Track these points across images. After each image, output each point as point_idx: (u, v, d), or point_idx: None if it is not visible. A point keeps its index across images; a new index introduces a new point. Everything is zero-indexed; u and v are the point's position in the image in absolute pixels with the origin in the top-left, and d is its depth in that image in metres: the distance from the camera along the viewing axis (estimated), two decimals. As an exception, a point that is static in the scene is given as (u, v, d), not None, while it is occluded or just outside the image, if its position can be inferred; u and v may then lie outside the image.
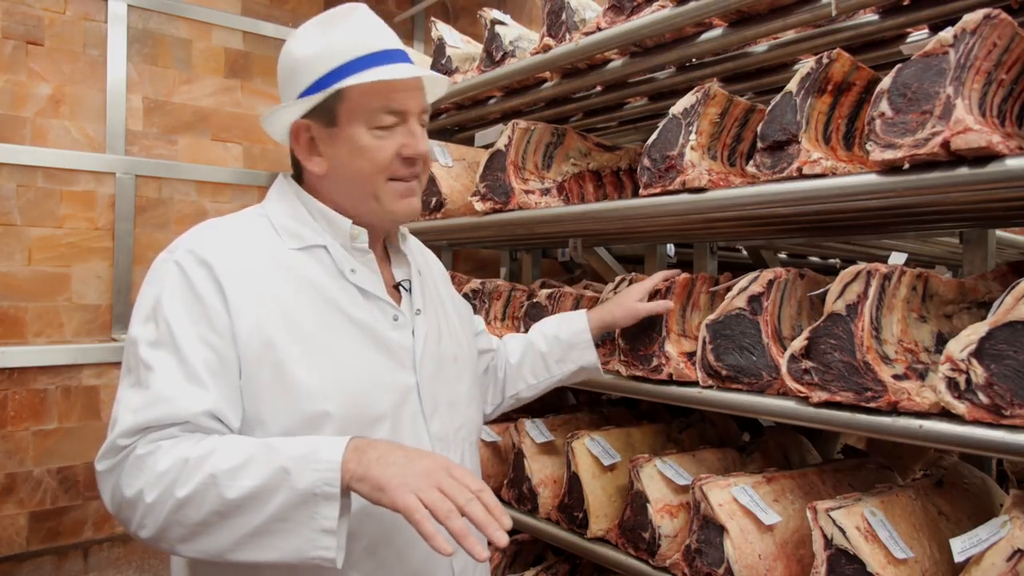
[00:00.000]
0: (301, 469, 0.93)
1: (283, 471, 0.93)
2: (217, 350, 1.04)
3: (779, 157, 1.43)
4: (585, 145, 2.17)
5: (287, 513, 0.93)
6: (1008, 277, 1.45)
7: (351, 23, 1.18)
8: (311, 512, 0.93)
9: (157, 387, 1.00)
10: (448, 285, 1.48)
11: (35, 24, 2.55)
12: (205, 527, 0.95)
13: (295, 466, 0.93)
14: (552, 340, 1.57)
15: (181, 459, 0.96)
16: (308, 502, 0.93)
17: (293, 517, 0.93)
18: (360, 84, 1.12)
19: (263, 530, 0.94)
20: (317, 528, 0.93)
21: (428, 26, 3.02)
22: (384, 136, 1.16)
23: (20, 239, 2.51)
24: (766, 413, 1.43)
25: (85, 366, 2.61)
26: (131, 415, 1.00)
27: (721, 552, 1.42)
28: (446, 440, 1.23)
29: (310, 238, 1.18)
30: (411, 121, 1.17)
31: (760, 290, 1.48)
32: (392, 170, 1.17)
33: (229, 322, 1.05)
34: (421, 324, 1.24)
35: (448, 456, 1.18)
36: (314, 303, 1.13)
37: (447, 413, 1.25)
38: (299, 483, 0.93)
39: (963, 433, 1.11)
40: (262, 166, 3.04)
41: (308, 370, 1.08)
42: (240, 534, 0.95)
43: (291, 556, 0.94)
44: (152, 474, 0.96)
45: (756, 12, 1.62)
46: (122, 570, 2.68)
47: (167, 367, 1.02)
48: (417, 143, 1.17)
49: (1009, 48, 1.17)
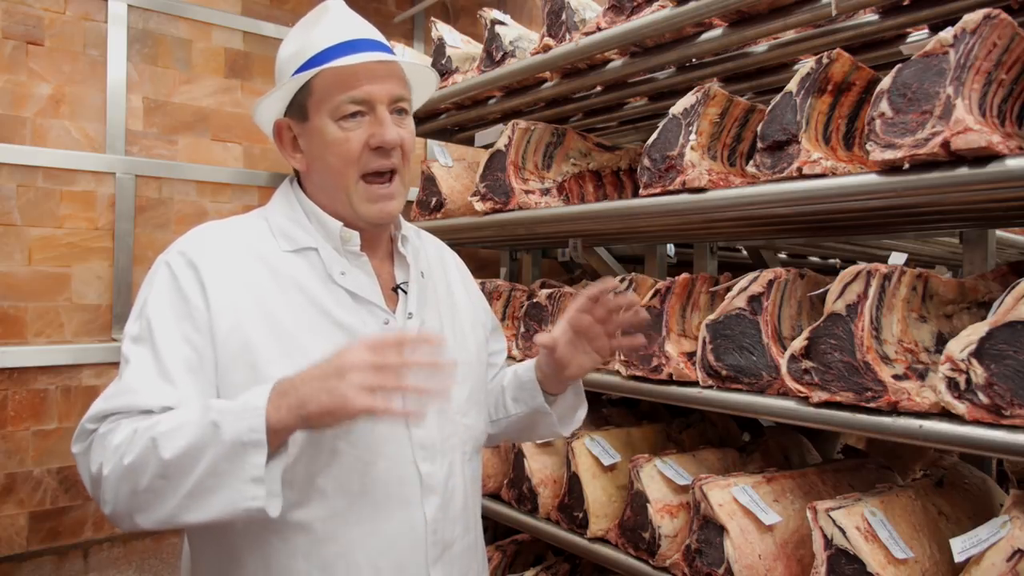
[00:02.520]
0: (229, 421, 0.93)
1: (213, 425, 0.93)
2: (197, 348, 1.06)
3: (779, 157, 1.43)
4: (585, 145, 2.17)
5: (218, 466, 0.93)
6: (1008, 277, 1.45)
7: (324, 18, 1.19)
8: (241, 463, 0.93)
9: (127, 379, 1.04)
10: (467, 287, 1.42)
11: (35, 24, 2.55)
12: (152, 493, 0.95)
13: (223, 419, 0.93)
14: (512, 375, 1.40)
15: (131, 430, 0.98)
16: (237, 452, 0.92)
17: (224, 470, 0.93)
18: (322, 76, 1.13)
19: (200, 487, 0.94)
20: (246, 478, 0.93)
21: (428, 26, 3.02)
22: (351, 127, 1.14)
23: (20, 239, 2.51)
24: (766, 413, 1.43)
25: (85, 366, 2.61)
26: (101, 402, 1.04)
27: (721, 552, 1.42)
28: (431, 448, 1.18)
29: (302, 240, 1.18)
30: (379, 110, 1.14)
31: (760, 290, 1.48)
32: (364, 163, 1.14)
33: (209, 321, 1.07)
34: (411, 328, 1.20)
35: (434, 466, 1.16)
36: (298, 305, 1.13)
37: (434, 420, 1.19)
38: (226, 435, 0.92)
39: (963, 433, 1.11)
40: (262, 166, 3.03)
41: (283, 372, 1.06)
42: (181, 495, 0.94)
43: (227, 511, 0.94)
44: (109, 448, 0.98)
45: (756, 12, 1.62)
46: (122, 570, 2.68)
47: (141, 362, 1.05)
48: (384, 131, 1.13)
49: (1009, 48, 1.17)
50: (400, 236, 1.28)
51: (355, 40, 1.15)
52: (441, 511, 1.17)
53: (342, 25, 1.18)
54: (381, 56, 1.14)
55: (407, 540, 1.13)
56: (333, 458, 1.09)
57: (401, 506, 1.13)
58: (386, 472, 1.12)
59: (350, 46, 1.14)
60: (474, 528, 1.27)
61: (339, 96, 1.12)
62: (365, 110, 1.14)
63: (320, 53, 1.14)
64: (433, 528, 1.15)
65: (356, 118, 1.14)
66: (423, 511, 1.14)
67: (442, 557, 1.17)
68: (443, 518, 1.17)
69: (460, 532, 1.21)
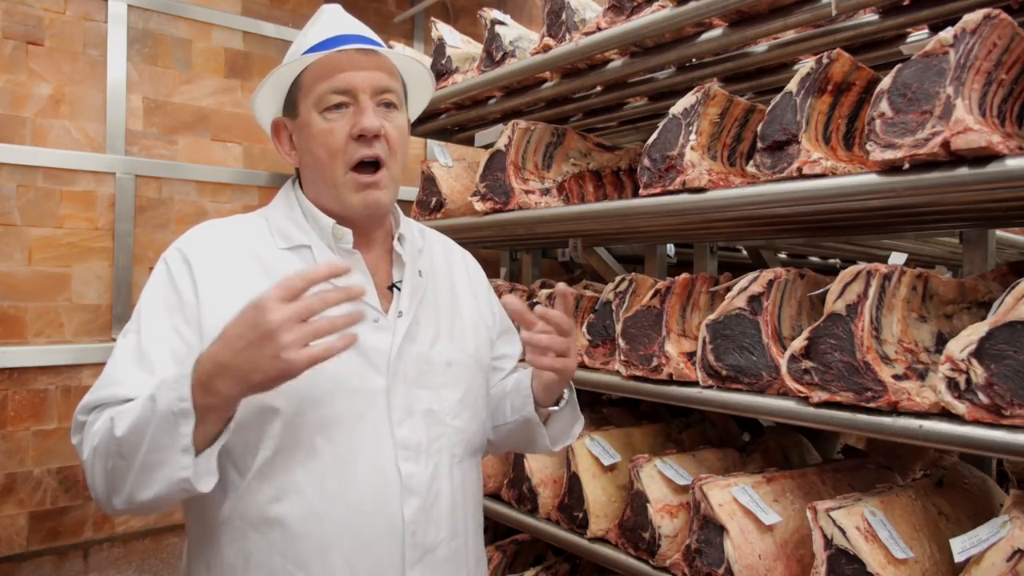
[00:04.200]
0: (163, 393, 0.94)
1: (151, 399, 0.94)
2: (186, 340, 1.08)
3: (779, 157, 1.43)
4: (585, 145, 2.17)
5: (157, 439, 0.94)
6: (1008, 277, 1.45)
7: (319, 20, 1.23)
8: (174, 433, 0.93)
9: (111, 369, 1.08)
10: (475, 289, 1.40)
11: (35, 24, 2.55)
12: (116, 472, 0.98)
13: (159, 392, 0.94)
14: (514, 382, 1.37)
15: (106, 416, 1.00)
16: (170, 423, 0.93)
17: (162, 443, 0.94)
18: (309, 69, 1.15)
19: (146, 463, 0.95)
20: (177, 448, 0.93)
21: (428, 26, 3.02)
22: (335, 119, 1.15)
23: (20, 239, 2.51)
24: (766, 413, 1.43)
25: (85, 366, 2.60)
26: (89, 393, 1.07)
27: (721, 552, 1.42)
28: (416, 449, 1.16)
29: (296, 238, 1.19)
30: (361, 99, 1.14)
31: (760, 290, 1.48)
32: (349, 154, 1.15)
33: (198, 314, 1.09)
34: (401, 327, 1.19)
35: (417, 467, 1.15)
36: None
37: (422, 421, 1.18)
38: (160, 405, 0.93)
39: (963, 433, 1.11)
40: (262, 166, 3.03)
41: None
42: (134, 472, 0.96)
43: (167, 486, 0.95)
44: (87, 436, 1.03)
45: (756, 12, 1.62)
46: (122, 570, 2.68)
47: (126, 353, 1.08)
48: (363, 119, 1.13)
49: (1009, 48, 1.17)
50: (398, 234, 1.27)
51: (342, 35, 1.18)
52: (422, 513, 1.15)
53: (332, 23, 1.21)
54: (362, 45, 1.16)
55: (383, 541, 1.12)
56: (311, 454, 1.09)
57: (378, 506, 1.12)
58: (364, 471, 1.11)
59: (337, 40, 1.17)
60: (464, 532, 1.24)
61: (321, 86, 1.14)
62: (349, 100, 1.15)
63: (308, 49, 1.17)
64: (412, 530, 1.14)
65: (340, 109, 1.15)
66: (401, 512, 1.13)
67: (422, 560, 1.15)
68: (424, 520, 1.15)
69: (445, 536, 1.19)
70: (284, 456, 1.08)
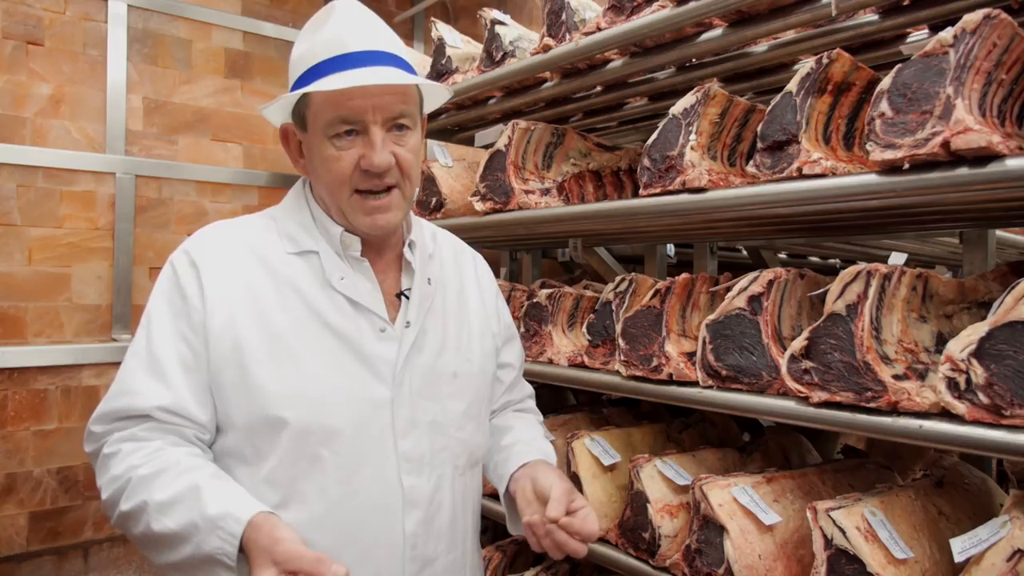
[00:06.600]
0: (208, 531, 0.97)
1: (194, 527, 0.98)
2: (192, 346, 1.08)
3: (779, 157, 1.43)
4: (585, 145, 2.17)
5: (194, 562, 1.00)
6: (1008, 277, 1.45)
7: (329, 22, 1.14)
8: (211, 571, 0.99)
9: (124, 378, 1.09)
10: (482, 293, 1.39)
11: (35, 24, 2.55)
12: (140, 540, 1.06)
13: (205, 526, 0.97)
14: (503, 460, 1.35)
15: (131, 470, 1.03)
16: (208, 563, 0.98)
17: (199, 568, 1.00)
18: (316, 91, 1.09)
19: (178, 567, 1.02)
20: None
21: (428, 26, 3.02)
22: (344, 147, 1.10)
23: (20, 239, 2.51)
24: (766, 413, 1.43)
25: (85, 366, 2.61)
26: (103, 403, 1.10)
27: (721, 552, 1.42)
28: (419, 462, 1.16)
29: (305, 243, 1.18)
30: (371, 130, 1.09)
31: (760, 290, 1.48)
32: (355, 183, 1.12)
33: (204, 320, 1.09)
34: (408, 336, 1.18)
35: (420, 480, 1.15)
36: (294, 308, 1.13)
37: (426, 433, 1.17)
38: (204, 545, 0.98)
39: (963, 433, 1.11)
40: (262, 166, 3.03)
41: (272, 374, 1.08)
42: (162, 561, 1.04)
43: None
44: (109, 475, 1.06)
45: (756, 12, 1.62)
46: (122, 570, 2.68)
47: (138, 361, 1.09)
48: (372, 155, 1.09)
49: (1009, 48, 1.17)
50: (408, 240, 1.25)
51: (352, 53, 1.10)
52: (423, 526, 1.15)
53: (343, 33, 1.12)
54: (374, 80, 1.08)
55: (384, 552, 1.12)
56: (315, 464, 1.09)
57: (379, 518, 1.12)
58: (367, 482, 1.12)
59: (347, 60, 1.09)
60: (462, 544, 1.24)
61: (330, 115, 1.09)
62: (358, 129, 1.10)
63: (321, 64, 1.10)
64: (412, 543, 1.14)
65: (349, 136, 1.10)
66: (402, 524, 1.13)
67: (421, 572, 1.16)
68: (424, 533, 1.16)
69: (444, 548, 1.19)
70: (290, 464, 1.09)
